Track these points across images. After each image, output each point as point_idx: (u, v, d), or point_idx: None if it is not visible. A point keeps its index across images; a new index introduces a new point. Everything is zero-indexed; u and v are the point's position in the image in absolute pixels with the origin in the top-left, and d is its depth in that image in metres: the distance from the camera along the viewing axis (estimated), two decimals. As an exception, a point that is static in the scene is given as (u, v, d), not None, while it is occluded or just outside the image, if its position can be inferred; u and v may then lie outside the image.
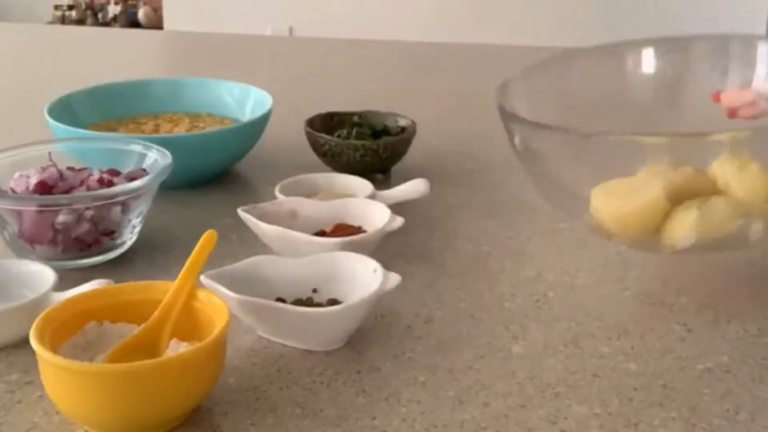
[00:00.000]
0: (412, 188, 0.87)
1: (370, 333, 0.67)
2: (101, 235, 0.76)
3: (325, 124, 1.00)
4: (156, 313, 0.60)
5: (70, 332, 0.59)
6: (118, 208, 0.76)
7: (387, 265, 0.67)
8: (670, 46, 0.88)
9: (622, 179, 0.71)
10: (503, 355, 0.65)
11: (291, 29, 3.06)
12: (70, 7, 4.41)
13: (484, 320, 0.70)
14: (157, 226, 0.85)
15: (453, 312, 0.71)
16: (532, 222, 0.87)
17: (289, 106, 1.07)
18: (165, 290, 0.61)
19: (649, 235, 0.70)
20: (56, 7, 4.40)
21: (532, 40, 1.50)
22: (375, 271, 0.66)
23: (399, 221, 0.77)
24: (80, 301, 0.61)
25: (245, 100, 1.06)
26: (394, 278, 0.66)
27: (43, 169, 0.78)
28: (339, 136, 0.97)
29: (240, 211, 0.78)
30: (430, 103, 1.27)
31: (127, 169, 0.81)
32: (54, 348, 0.55)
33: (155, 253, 0.80)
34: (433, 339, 0.67)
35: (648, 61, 0.88)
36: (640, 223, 0.70)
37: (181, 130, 1.00)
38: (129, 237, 0.79)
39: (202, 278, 0.64)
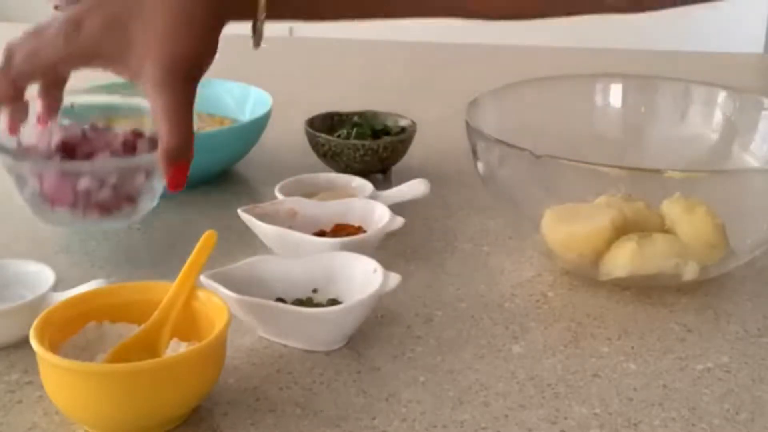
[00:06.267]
0: (412, 188, 0.87)
1: (370, 333, 0.67)
2: (122, 200, 0.74)
3: (325, 124, 1.00)
4: (156, 313, 0.60)
5: (70, 332, 0.59)
6: (141, 174, 0.73)
7: (387, 265, 0.67)
8: (639, 83, 0.91)
9: (575, 204, 0.74)
10: (503, 355, 0.65)
11: (291, 29, 3.05)
12: (71, 7, 4.41)
13: (484, 320, 0.70)
14: (157, 226, 0.85)
15: (453, 312, 0.71)
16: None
17: (289, 106, 1.07)
18: (165, 290, 0.61)
19: (591, 261, 0.72)
20: (56, 8, 4.41)
21: (533, 41, 1.50)
22: (375, 271, 0.66)
23: (399, 221, 0.77)
24: (80, 301, 0.61)
25: (245, 100, 1.06)
26: (394, 278, 0.66)
27: (66, 128, 0.74)
28: (339, 136, 0.97)
29: (240, 211, 0.78)
30: (431, 103, 1.27)
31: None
32: (54, 348, 0.55)
33: (155, 253, 0.80)
34: (433, 339, 0.67)
35: (616, 95, 0.92)
36: (583, 248, 0.72)
37: (181, 130, 1.00)
38: (149, 203, 0.75)
39: (202, 278, 0.64)
